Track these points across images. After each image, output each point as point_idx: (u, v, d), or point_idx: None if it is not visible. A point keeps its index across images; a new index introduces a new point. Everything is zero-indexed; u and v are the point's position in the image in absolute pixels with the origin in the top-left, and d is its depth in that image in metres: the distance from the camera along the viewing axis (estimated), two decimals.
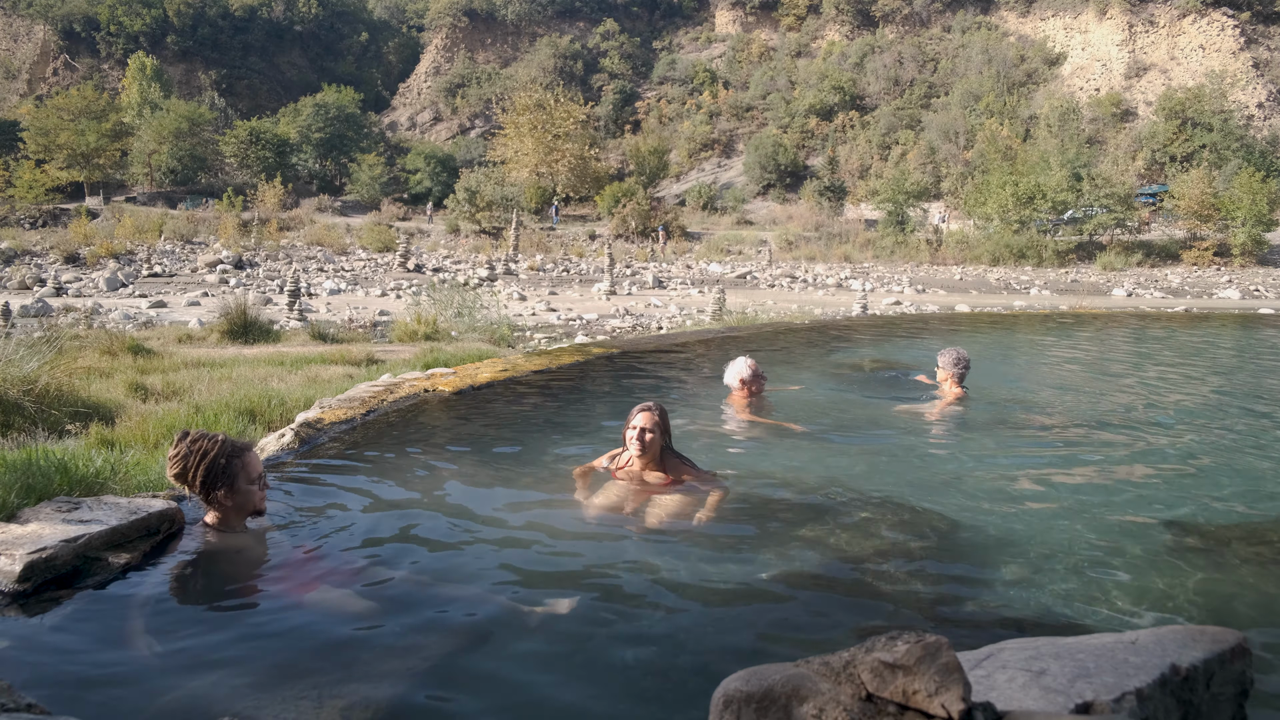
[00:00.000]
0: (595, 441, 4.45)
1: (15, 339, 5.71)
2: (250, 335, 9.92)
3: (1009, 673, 1.51)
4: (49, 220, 41.68)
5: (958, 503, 3.66)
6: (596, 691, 2.16)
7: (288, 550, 2.92)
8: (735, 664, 1.41)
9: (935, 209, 44.21)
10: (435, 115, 67.53)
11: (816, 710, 1.23)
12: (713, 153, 60.17)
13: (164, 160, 49.32)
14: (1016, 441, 4.93)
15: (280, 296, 17.73)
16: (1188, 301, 20.97)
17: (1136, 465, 4.50)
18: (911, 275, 28.57)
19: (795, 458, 4.41)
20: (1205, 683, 1.52)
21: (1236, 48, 52.95)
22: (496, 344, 9.92)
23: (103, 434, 4.61)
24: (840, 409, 5.72)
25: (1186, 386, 7.00)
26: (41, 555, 2.48)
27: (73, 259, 27.09)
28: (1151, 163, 47.21)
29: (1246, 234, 34.02)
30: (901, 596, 2.72)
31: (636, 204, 40.72)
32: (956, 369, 5.72)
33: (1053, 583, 2.82)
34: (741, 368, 5.42)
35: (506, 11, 71.97)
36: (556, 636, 2.39)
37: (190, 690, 2.06)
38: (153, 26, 63.70)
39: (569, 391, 6.01)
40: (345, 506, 3.36)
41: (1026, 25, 62.56)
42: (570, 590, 2.68)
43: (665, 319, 14.58)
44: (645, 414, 3.63)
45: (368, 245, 34.95)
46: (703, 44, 72.25)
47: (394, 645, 2.29)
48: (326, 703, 2.00)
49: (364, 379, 6.37)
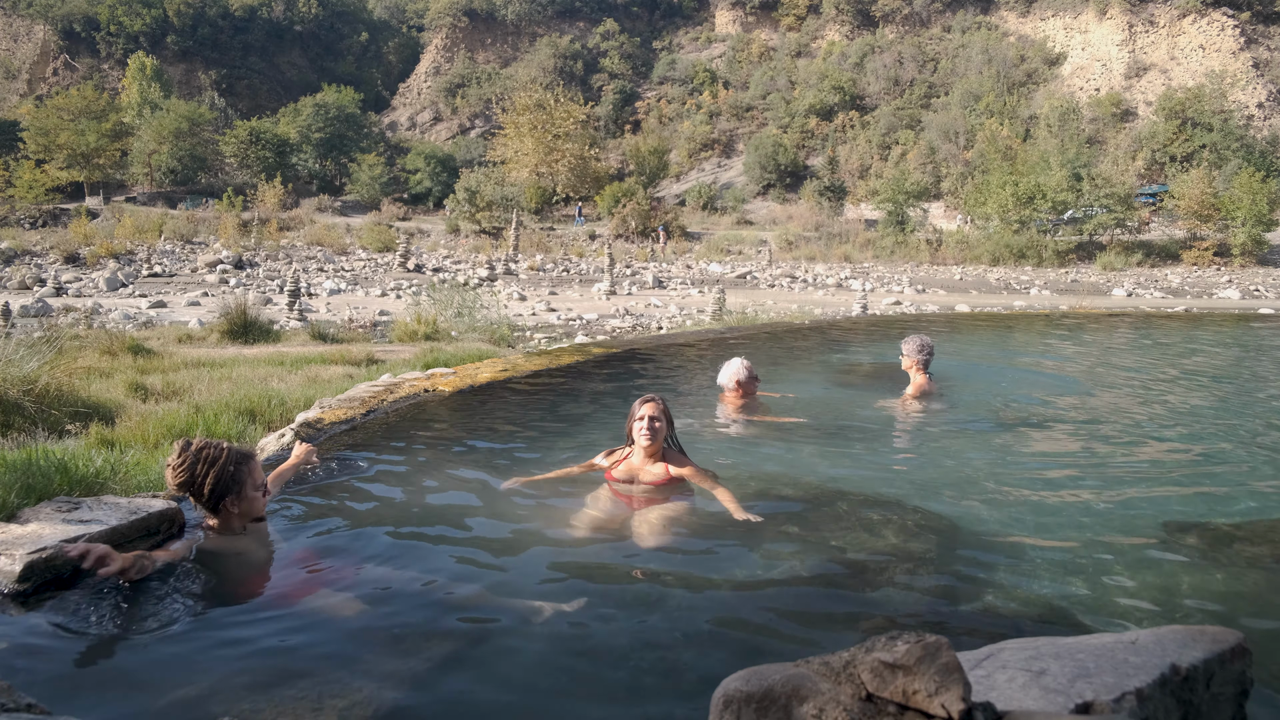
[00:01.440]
0: (595, 441, 4.44)
1: (15, 339, 5.71)
2: (250, 335, 9.93)
3: (1009, 673, 1.51)
4: (49, 220, 41.70)
5: (957, 502, 3.66)
6: (596, 691, 2.16)
7: (287, 551, 2.92)
8: (735, 664, 1.41)
9: (935, 208, 44.19)
10: (435, 115, 67.53)
11: (816, 710, 1.23)
12: (713, 153, 60.15)
13: (164, 160, 49.35)
14: (1017, 441, 4.93)
15: (280, 296, 17.73)
16: (1188, 301, 20.96)
17: (1136, 465, 4.50)
18: (911, 275, 28.57)
19: (793, 458, 4.41)
20: (1205, 683, 1.52)
21: (1236, 48, 52.93)
22: (496, 344, 9.92)
23: (103, 434, 4.61)
24: (837, 409, 5.72)
25: (1186, 386, 7.00)
26: (41, 555, 2.48)
27: (73, 259, 27.10)
28: (1151, 163, 47.18)
29: (1246, 234, 34.02)
30: (901, 596, 2.72)
31: (636, 204, 40.73)
32: (920, 355, 5.78)
33: (1053, 583, 2.82)
34: (737, 369, 5.42)
35: (506, 11, 71.97)
36: (556, 637, 2.39)
37: (190, 690, 2.06)
38: (153, 26, 63.71)
39: (569, 391, 6.01)
40: (345, 507, 3.36)
41: (1026, 25, 62.54)
42: (570, 591, 2.68)
43: (665, 319, 14.58)
44: (651, 404, 3.68)
45: (368, 245, 34.96)
46: (703, 44, 72.23)
47: (394, 646, 2.29)
48: (326, 703, 2.00)
49: (364, 379, 6.38)
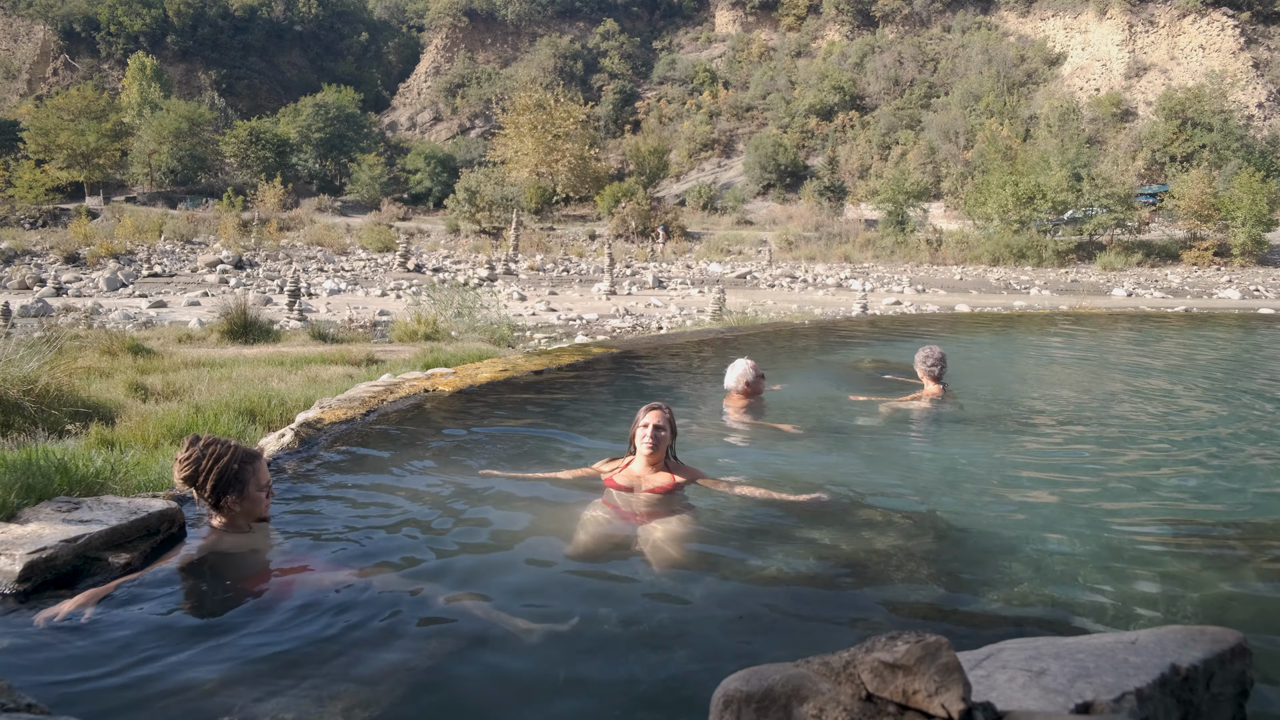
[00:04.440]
0: (596, 441, 4.45)
1: (15, 339, 5.70)
2: (250, 335, 9.92)
3: (1009, 673, 1.51)
4: (49, 220, 41.68)
5: (957, 502, 3.66)
6: (596, 691, 2.17)
7: (288, 551, 2.92)
8: (735, 664, 1.41)
9: (935, 208, 44.16)
10: (435, 115, 67.50)
11: (816, 710, 1.23)
12: (713, 153, 60.12)
13: (164, 160, 49.33)
14: (1017, 441, 4.93)
15: (280, 296, 17.73)
16: (1188, 301, 20.96)
17: (1136, 465, 4.50)
18: (911, 275, 28.57)
19: (794, 459, 4.41)
20: (1205, 683, 1.52)
21: (1236, 48, 52.90)
22: (496, 344, 9.92)
23: (103, 434, 4.61)
24: (838, 409, 5.72)
25: (1186, 386, 7.00)
26: (41, 555, 2.48)
27: (73, 259, 27.09)
28: (1151, 163, 47.15)
29: (1246, 234, 33.99)
30: (901, 596, 2.72)
31: (636, 204, 40.71)
32: (928, 365, 5.85)
33: (1053, 583, 2.82)
34: (744, 370, 5.41)
35: (506, 11, 71.93)
36: (557, 637, 2.39)
37: (190, 690, 2.06)
38: (153, 26, 63.68)
39: (569, 392, 6.01)
40: (345, 507, 3.36)
41: (1026, 25, 62.51)
42: (571, 591, 2.68)
43: (665, 319, 14.57)
44: (656, 412, 3.65)
45: (368, 245, 34.94)
46: (703, 44, 72.19)
47: (394, 646, 2.29)
48: (326, 703, 2.00)
49: (364, 379, 6.37)
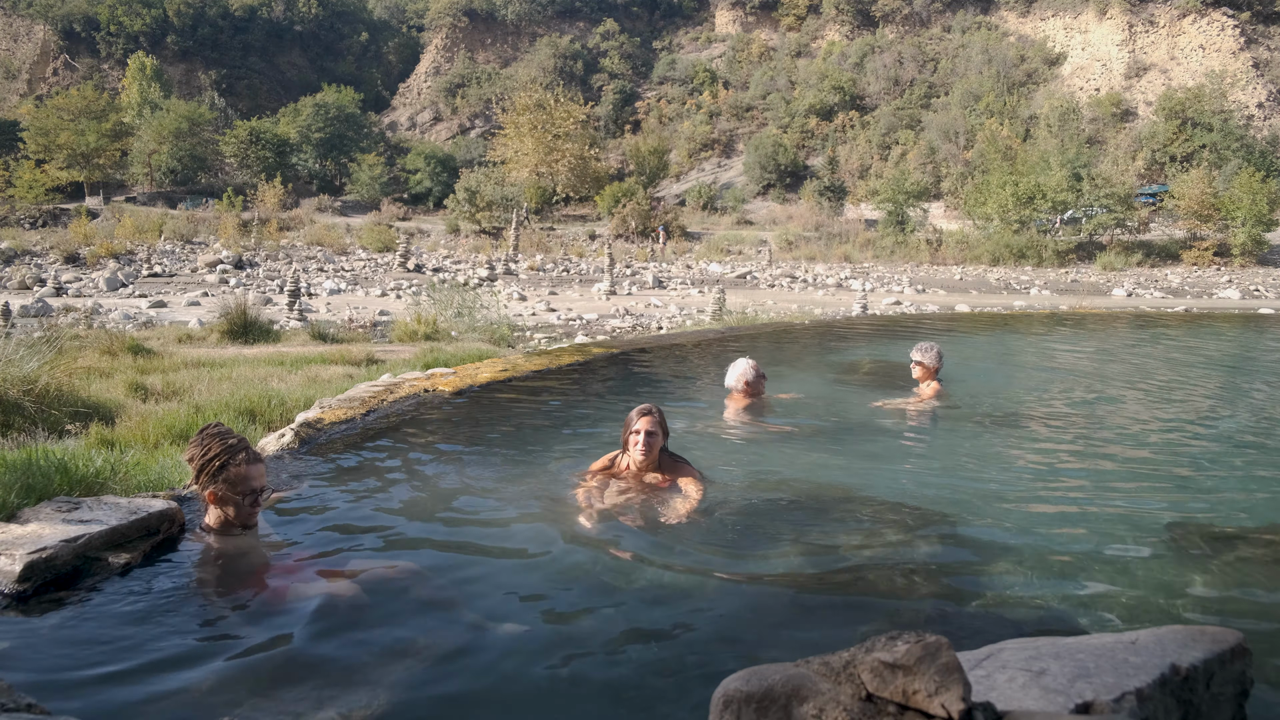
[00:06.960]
0: (596, 441, 4.44)
1: (15, 339, 5.70)
2: (250, 335, 9.92)
3: (1009, 673, 1.51)
4: (49, 220, 41.67)
5: (957, 502, 3.66)
6: (597, 691, 2.17)
7: (288, 552, 2.92)
8: (735, 664, 1.41)
9: (935, 208, 44.15)
10: (435, 115, 67.49)
11: (816, 710, 1.23)
12: (713, 153, 60.12)
13: (164, 160, 49.33)
14: (1016, 441, 4.92)
15: (280, 296, 17.73)
16: (1188, 301, 20.96)
17: (1136, 465, 4.50)
18: (911, 275, 28.56)
19: (795, 458, 4.41)
20: (1205, 683, 1.52)
21: (1236, 48, 52.90)
22: (496, 344, 9.92)
23: (103, 434, 4.61)
24: (838, 409, 5.72)
25: (1186, 386, 7.00)
26: (41, 555, 2.48)
27: (73, 259, 27.08)
28: (1151, 163, 47.15)
29: (1246, 234, 33.99)
30: (901, 596, 2.72)
31: (636, 204, 40.70)
32: (925, 358, 5.85)
33: (1053, 583, 2.82)
34: (745, 370, 5.41)
35: (506, 11, 71.93)
36: (557, 636, 2.39)
37: (190, 691, 2.06)
38: (153, 26, 63.67)
39: (569, 392, 6.01)
40: (345, 507, 3.36)
41: (1026, 25, 62.51)
42: (571, 591, 2.68)
43: (665, 319, 14.57)
44: (647, 418, 3.61)
45: (368, 245, 34.93)
46: (703, 44, 72.18)
47: (393, 646, 2.29)
48: (326, 703, 2.00)
49: (364, 379, 6.37)
